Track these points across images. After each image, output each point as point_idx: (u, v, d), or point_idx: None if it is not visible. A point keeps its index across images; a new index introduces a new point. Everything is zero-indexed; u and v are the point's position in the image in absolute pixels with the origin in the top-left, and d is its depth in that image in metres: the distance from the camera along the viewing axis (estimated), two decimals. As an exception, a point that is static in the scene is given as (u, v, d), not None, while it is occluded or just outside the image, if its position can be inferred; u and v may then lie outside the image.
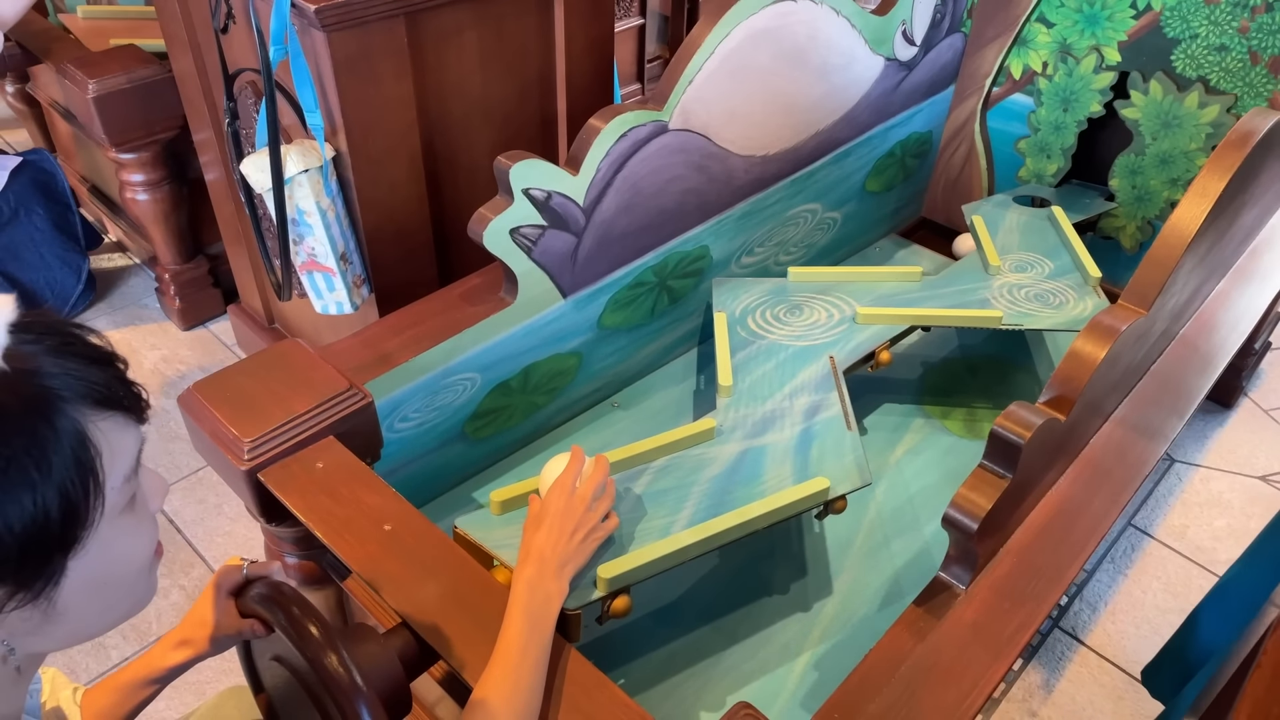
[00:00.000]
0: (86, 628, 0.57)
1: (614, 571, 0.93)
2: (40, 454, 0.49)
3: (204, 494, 1.73)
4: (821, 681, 1.09)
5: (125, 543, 0.56)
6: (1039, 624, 0.94)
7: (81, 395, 0.51)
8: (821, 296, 1.45)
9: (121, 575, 0.57)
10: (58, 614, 0.53)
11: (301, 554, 1.08)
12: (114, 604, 0.58)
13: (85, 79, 1.72)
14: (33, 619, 0.53)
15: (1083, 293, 1.44)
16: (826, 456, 1.14)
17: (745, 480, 1.11)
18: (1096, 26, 1.59)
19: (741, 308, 1.42)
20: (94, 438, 0.52)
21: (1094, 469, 1.11)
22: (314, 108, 1.25)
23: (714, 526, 1.01)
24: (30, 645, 0.55)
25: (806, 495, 1.05)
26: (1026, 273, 1.50)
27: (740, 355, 1.33)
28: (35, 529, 0.49)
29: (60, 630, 0.55)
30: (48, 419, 0.50)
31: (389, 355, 1.13)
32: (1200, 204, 1.05)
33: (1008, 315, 1.37)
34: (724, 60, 1.27)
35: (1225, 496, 1.77)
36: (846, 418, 1.19)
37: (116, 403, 0.54)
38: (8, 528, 0.48)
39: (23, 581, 0.51)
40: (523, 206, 1.13)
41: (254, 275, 1.82)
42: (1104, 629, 1.54)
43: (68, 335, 0.54)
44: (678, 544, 0.98)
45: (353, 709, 0.70)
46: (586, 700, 0.79)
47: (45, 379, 0.50)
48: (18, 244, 2.00)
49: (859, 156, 1.64)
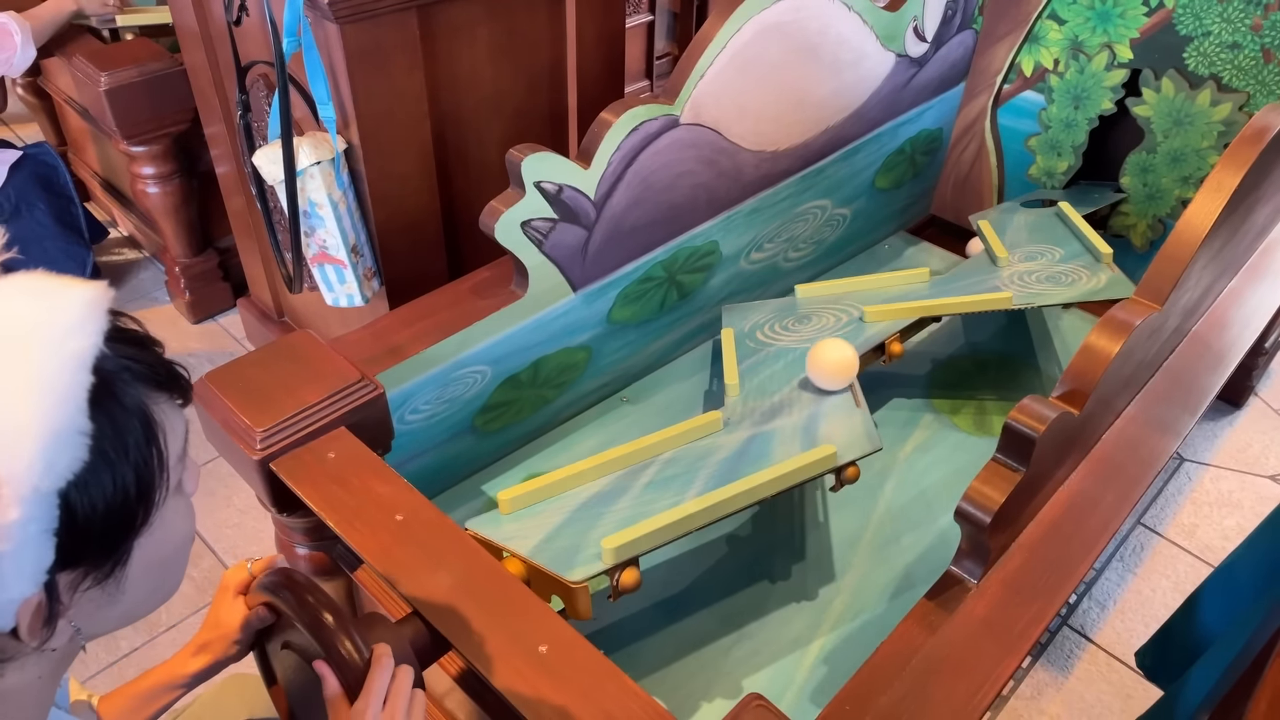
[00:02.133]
0: (137, 608, 0.59)
1: (618, 542, 0.93)
2: (120, 437, 0.51)
3: (214, 486, 1.73)
4: (830, 675, 1.09)
5: (178, 523, 0.58)
6: (1050, 619, 0.93)
7: (143, 377, 0.53)
8: (830, 307, 1.45)
9: (173, 555, 0.59)
10: (120, 594, 0.55)
11: (312, 545, 1.09)
12: (162, 584, 0.60)
13: (97, 72, 1.73)
14: (99, 599, 0.54)
15: (1095, 270, 1.43)
16: (835, 430, 1.14)
17: (753, 460, 1.11)
18: (1108, 23, 1.58)
19: (750, 325, 1.43)
20: (157, 418, 0.54)
21: (1106, 465, 1.10)
22: (326, 100, 1.25)
23: (720, 495, 1.00)
24: (91, 627, 0.57)
25: (813, 461, 1.05)
26: (1036, 261, 1.50)
27: (747, 363, 1.34)
28: (116, 507, 0.51)
29: (117, 610, 0.56)
30: (124, 403, 0.52)
31: (400, 347, 1.13)
32: (1215, 199, 1.05)
33: (1018, 296, 1.36)
34: (735, 55, 1.27)
35: (1235, 496, 1.77)
36: (855, 397, 1.19)
37: (170, 384, 0.56)
38: (93, 507, 0.50)
39: (99, 561, 0.53)
40: (534, 199, 1.14)
41: (264, 268, 1.83)
42: (1113, 627, 1.54)
43: (115, 321, 0.55)
44: (683, 513, 0.98)
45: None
46: (597, 690, 0.79)
47: (118, 366, 0.52)
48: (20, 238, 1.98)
49: (869, 153, 1.64)
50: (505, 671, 0.79)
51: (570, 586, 0.87)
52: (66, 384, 0.48)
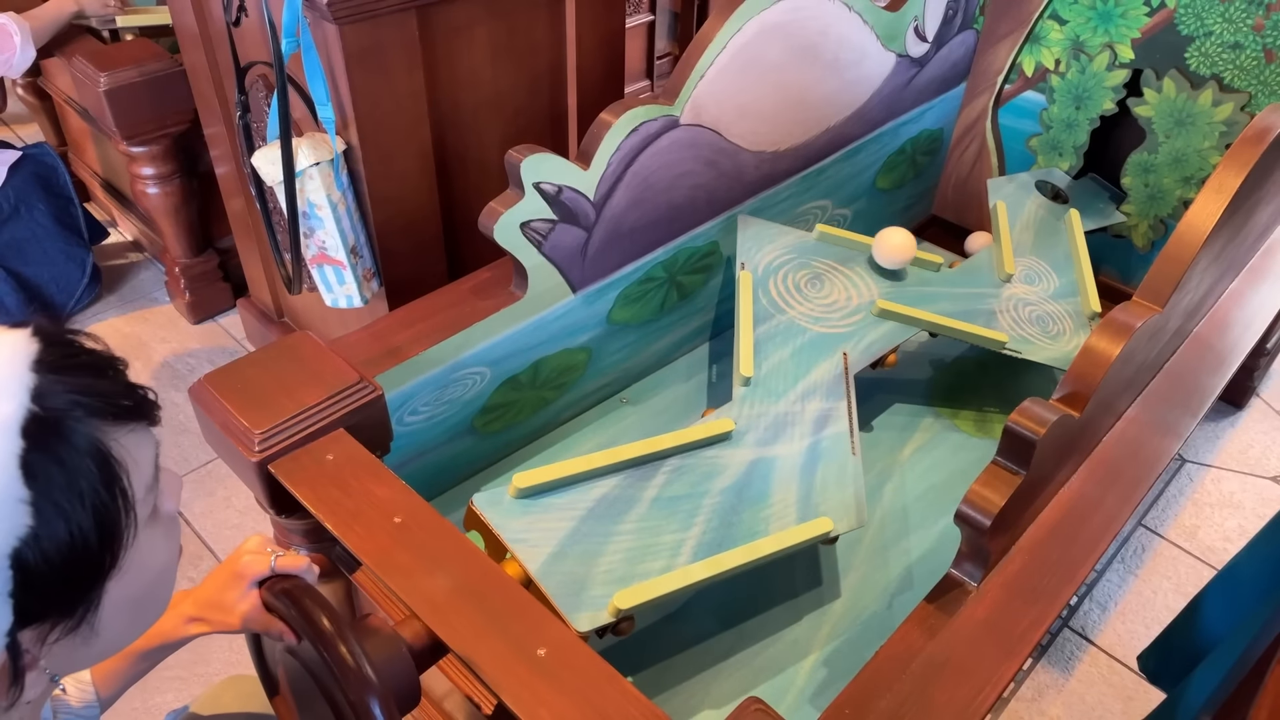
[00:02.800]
0: (116, 641, 0.56)
1: (626, 602, 0.95)
2: (69, 481, 0.48)
3: (213, 487, 1.73)
4: (830, 678, 1.08)
5: (155, 555, 0.55)
6: (1051, 622, 0.93)
7: (100, 413, 0.50)
8: (842, 268, 1.44)
9: (151, 587, 0.56)
10: (95, 636, 0.53)
11: (310, 546, 1.08)
12: (141, 616, 0.58)
13: (97, 72, 1.73)
14: (72, 645, 0.52)
15: (1078, 325, 1.47)
16: (829, 486, 1.15)
17: (752, 500, 1.12)
18: (1110, 23, 1.58)
19: (765, 264, 1.40)
20: (118, 455, 0.50)
21: (1107, 467, 1.10)
22: (325, 101, 1.24)
23: (721, 563, 1.03)
24: (67, 668, 0.55)
25: (809, 537, 1.07)
26: (1034, 285, 1.52)
27: (761, 329, 1.32)
28: (76, 557, 0.48)
29: (93, 650, 0.54)
30: (77, 448, 0.48)
31: (399, 349, 1.13)
32: (1217, 200, 1.05)
33: (1012, 339, 1.40)
34: (735, 55, 1.26)
35: (1237, 497, 1.76)
36: (852, 437, 1.20)
37: (132, 413, 0.52)
38: (47, 561, 0.47)
39: (65, 612, 0.50)
40: (533, 200, 1.13)
41: (263, 269, 1.82)
42: (1114, 629, 1.53)
43: (67, 347, 0.52)
44: (687, 579, 1.00)
45: (363, 701, 0.70)
46: (596, 694, 0.78)
47: (67, 410, 0.49)
48: (20, 239, 2.00)
49: (870, 153, 1.63)
50: (504, 675, 0.78)
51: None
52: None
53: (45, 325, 0.52)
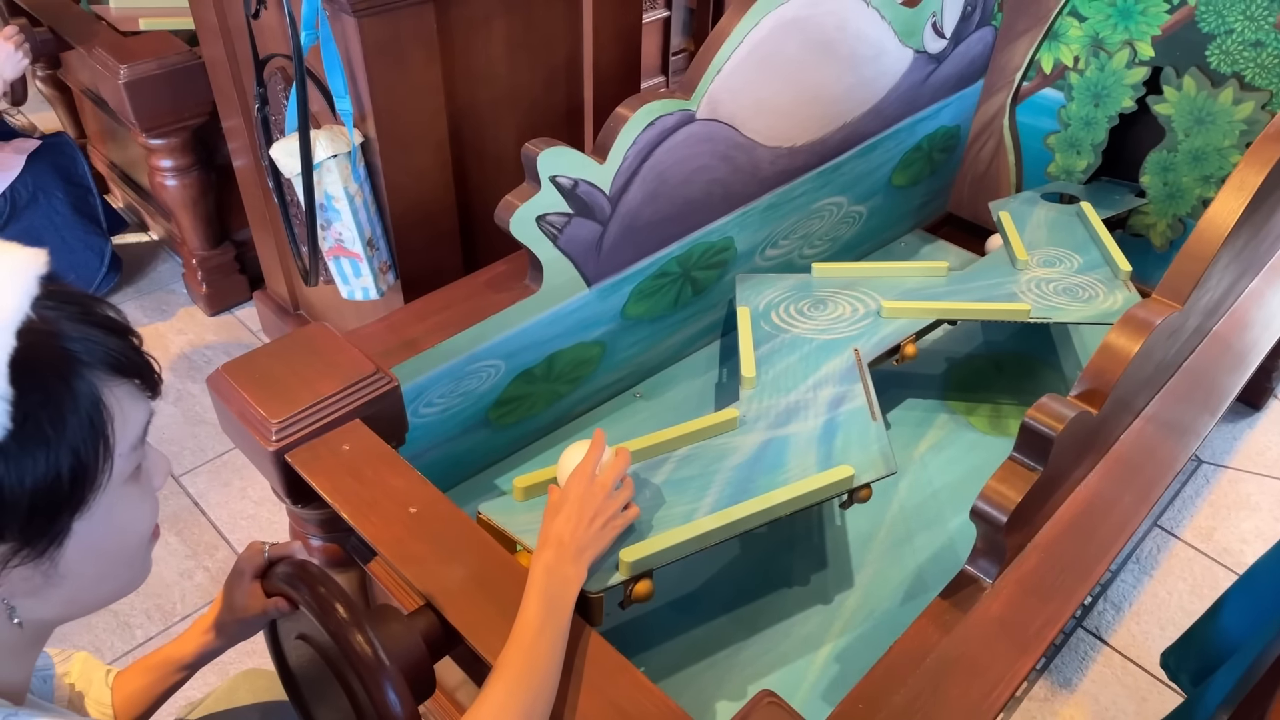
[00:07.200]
0: (83, 595, 0.58)
1: (636, 555, 0.93)
2: (56, 413, 0.50)
3: (229, 477, 1.74)
4: (843, 674, 1.08)
5: (128, 512, 0.57)
6: (1065, 620, 0.93)
7: (100, 360, 0.53)
8: (846, 292, 1.44)
9: (121, 545, 0.58)
10: (59, 576, 0.54)
11: (326, 536, 1.09)
12: (110, 574, 0.59)
13: (116, 64, 1.74)
14: (33, 579, 0.54)
15: (1112, 286, 1.42)
16: (851, 446, 1.13)
17: (768, 469, 1.11)
18: (1130, 21, 1.57)
19: (765, 303, 1.41)
20: (108, 402, 0.53)
21: (1123, 465, 1.09)
22: (343, 93, 1.25)
23: (737, 512, 1.00)
24: (30, 609, 0.56)
25: (830, 483, 1.05)
26: (1055, 267, 1.48)
27: (764, 349, 1.33)
28: (46, 486, 0.50)
29: (58, 594, 0.56)
30: (66, 380, 0.51)
31: (414, 341, 1.14)
32: (1238, 198, 1.04)
33: (1036, 309, 1.36)
34: (752, 50, 1.26)
35: (1254, 499, 1.75)
36: (871, 408, 1.19)
37: (132, 370, 0.55)
38: (19, 482, 0.49)
39: (29, 538, 0.52)
40: (549, 194, 1.13)
41: (280, 261, 1.83)
42: (1128, 629, 1.52)
43: (87, 305, 0.55)
44: (700, 529, 0.98)
45: (378, 687, 0.71)
46: (609, 684, 0.79)
47: (66, 341, 0.52)
48: (38, 227, 2.01)
49: (886, 150, 1.63)
50: (517, 665, 0.78)
51: (586, 596, 0.88)
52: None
53: (70, 286, 0.56)
